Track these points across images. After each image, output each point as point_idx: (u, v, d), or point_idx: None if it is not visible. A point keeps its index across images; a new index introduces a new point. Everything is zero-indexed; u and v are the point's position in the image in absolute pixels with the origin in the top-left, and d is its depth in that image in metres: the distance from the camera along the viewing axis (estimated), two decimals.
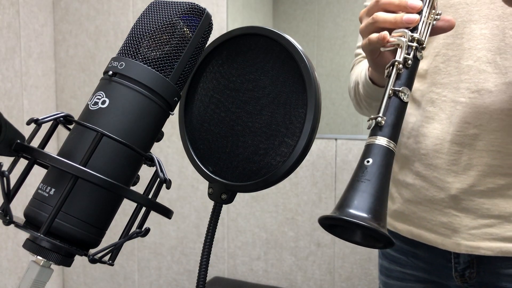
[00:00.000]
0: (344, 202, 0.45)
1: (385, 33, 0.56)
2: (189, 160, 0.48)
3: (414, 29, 0.56)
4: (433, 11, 0.58)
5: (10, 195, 0.35)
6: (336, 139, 1.72)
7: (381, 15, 0.58)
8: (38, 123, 0.37)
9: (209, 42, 0.46)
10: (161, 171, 0.38)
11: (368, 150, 0.48)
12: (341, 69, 2.09)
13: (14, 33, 1.95)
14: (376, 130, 0.49)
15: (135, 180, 0.41)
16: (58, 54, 2.16)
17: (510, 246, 0.71)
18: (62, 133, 2.04)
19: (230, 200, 0.46)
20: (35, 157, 0.35)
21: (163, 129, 0.42)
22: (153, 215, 0.39)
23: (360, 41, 0.87)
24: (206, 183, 0.47)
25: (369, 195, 0.44)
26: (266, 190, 1.77)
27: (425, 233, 0.78)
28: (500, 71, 0.69)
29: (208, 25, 0.42)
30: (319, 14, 2.00)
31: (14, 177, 0.35)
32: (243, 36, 0.46)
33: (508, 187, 0.71)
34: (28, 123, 0.37)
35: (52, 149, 1.93)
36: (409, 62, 0.53)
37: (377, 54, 0.62)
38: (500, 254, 0.72)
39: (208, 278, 1.78)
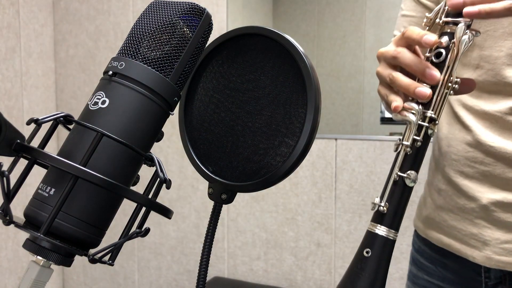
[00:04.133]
0: None
1: (399, 105, 0.52)
2: (189, 160, 0.48)
3: (427, 103, 0.51)
4: (451, 78, 0.51)
5: (10, 195, 0.35)
6: (336, 139, 1.72)
7: (398, 79, 0.54)
8: (38, 123, 0.37)
9: (209, 42, 0.46)
10: (161, 171, 0.38)
11: (368, 238, 0.49)
12: (341, 69, 2.09)
13: (14, 33, 1.95)
14: (378, 217, 0.50)
15: (135, 180, 0.41)
16: (58, 54, 2.16)
17: None
18: (62, 133, 2.04)
19: (230, 200, 0.46)
20: (35, 157, 0.35)
21: (163, 129, 0.42)
22: (153, 215, 0.39)
23: (397, 31, 0.81)
24: (206, 183, 0.47)
25: None
26: (266, 190, 1.77)
27: (455, 243, 0.74)
28: None
29: (208, 25, 0.42)
30: (319, 14, 2.00)
31: (14, 177, 0.35)
32: (243, 36, 0.46)
33: None
34: (28, 123, 0.37)
35: (52, 149, 1.93)
36: (418, 143, 0.50)
37: None
38: None
39: (208, 278, 1.78)
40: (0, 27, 1.89)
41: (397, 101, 0.52)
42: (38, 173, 0.45)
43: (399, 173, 0.50)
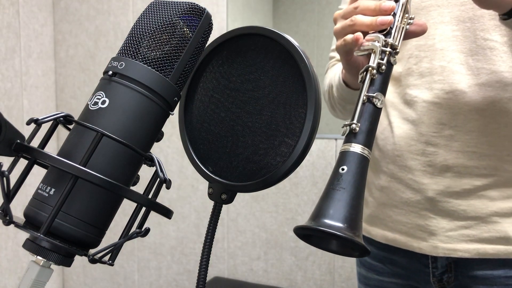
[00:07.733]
0: (319, 212, 0.45)
1: (359, 34, 0.57)
2: (189, 160, 0.48)
3: (387, 34, 0.57)
4: (406, 15, 0.59)
5: (10, 195, 0.35)
6: (336, 139, 1.72)
7: (359, 18, 0.59)
8: (38, 123, 0.37)
9: (209, 42, 0.46)
10: (161, 171, 0.38)
11: (343, 157, 0.48)
12: None
13: (14, 33, 1.95)
14: (350, 137, 0.50)
15: (135, 180, 0.41)
16: (58, 54, 2.16)
17: (486, 247, 0.71)
18: (62, 133, 2.04)
19: (230, 200, 0.46)
20: (35, 157, 0.35)
21: (163, 129, 0.42)
22: (153, 215, 0.39)
23: (335, 44, 0.88)
24: (206, 183, 0.47)
25: (345, 203, 0.45)
26: (266, 190, 1.77)
27: (400, 237, 0.77)
28: (473, 72, 0.70)
29: (208, 25, 0.42)
30: (319, 14, 2.00)
31: (14, 177, 0.35)
32: (243, 36, 0.46)
33: (484, 188, 0.71)
34: (28, 123, 0.37)
35: (52, 149, 1.93)
36: (383, 67, 0.54)
37: (351, 56, 0.63)
38: (477, 256, 0.71)
39: (208, 278, 1.78)
40: (0, 27, 1.89)
41: (356, 34, 0.58)
42: (38, 173, 0.45)
43: (367, 94, 0.52)
